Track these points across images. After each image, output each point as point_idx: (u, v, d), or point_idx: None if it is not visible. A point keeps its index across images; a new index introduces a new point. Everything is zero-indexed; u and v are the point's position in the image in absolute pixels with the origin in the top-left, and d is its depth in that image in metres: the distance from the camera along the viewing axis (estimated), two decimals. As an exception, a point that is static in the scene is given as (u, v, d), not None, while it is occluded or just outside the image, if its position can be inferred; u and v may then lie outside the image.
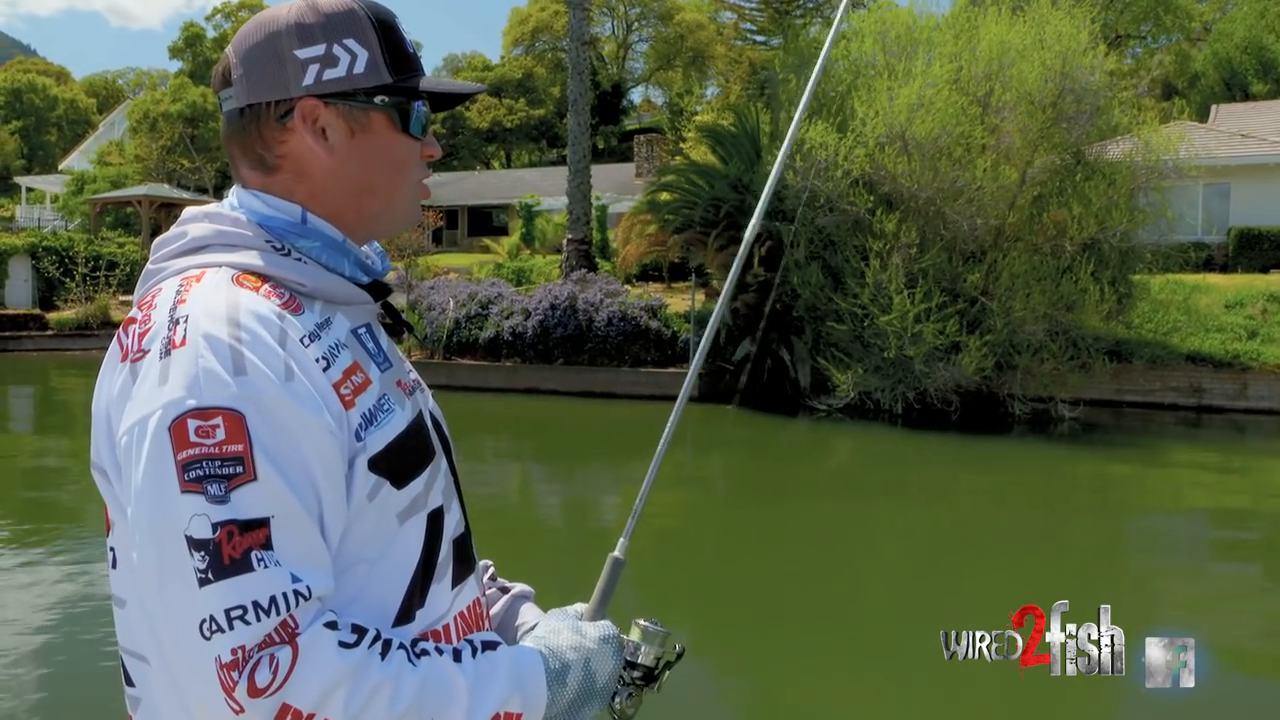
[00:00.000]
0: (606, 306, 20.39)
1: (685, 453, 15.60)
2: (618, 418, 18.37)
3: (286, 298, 1.19)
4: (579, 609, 1.39)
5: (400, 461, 1.22)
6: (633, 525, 1.47)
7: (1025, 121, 16.81)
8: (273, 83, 1.25)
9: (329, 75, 1.25)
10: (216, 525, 1.04)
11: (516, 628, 1.49)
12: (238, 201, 1.28)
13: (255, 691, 1.02)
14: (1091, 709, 5.67)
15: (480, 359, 21.17)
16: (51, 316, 31.64)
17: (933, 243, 17.02)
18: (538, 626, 1.34)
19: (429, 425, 1.33)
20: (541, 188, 37.38)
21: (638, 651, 1.36)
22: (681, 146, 27.68)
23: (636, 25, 61.96)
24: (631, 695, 1.35)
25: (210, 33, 60.10)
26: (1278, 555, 10.16)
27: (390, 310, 1.40)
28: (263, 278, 1.20)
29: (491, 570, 1.58)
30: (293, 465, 1.09)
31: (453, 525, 1.33)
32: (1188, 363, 18.57)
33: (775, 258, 18.56)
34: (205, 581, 1.03)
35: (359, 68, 1.26)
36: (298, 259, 1.24)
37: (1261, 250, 23.88)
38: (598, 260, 25.92)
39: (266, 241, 1.23)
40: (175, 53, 60.71)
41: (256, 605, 1.03)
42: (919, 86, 16.55)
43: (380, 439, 1.19)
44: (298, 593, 1.06)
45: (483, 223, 43.94)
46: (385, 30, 1.29)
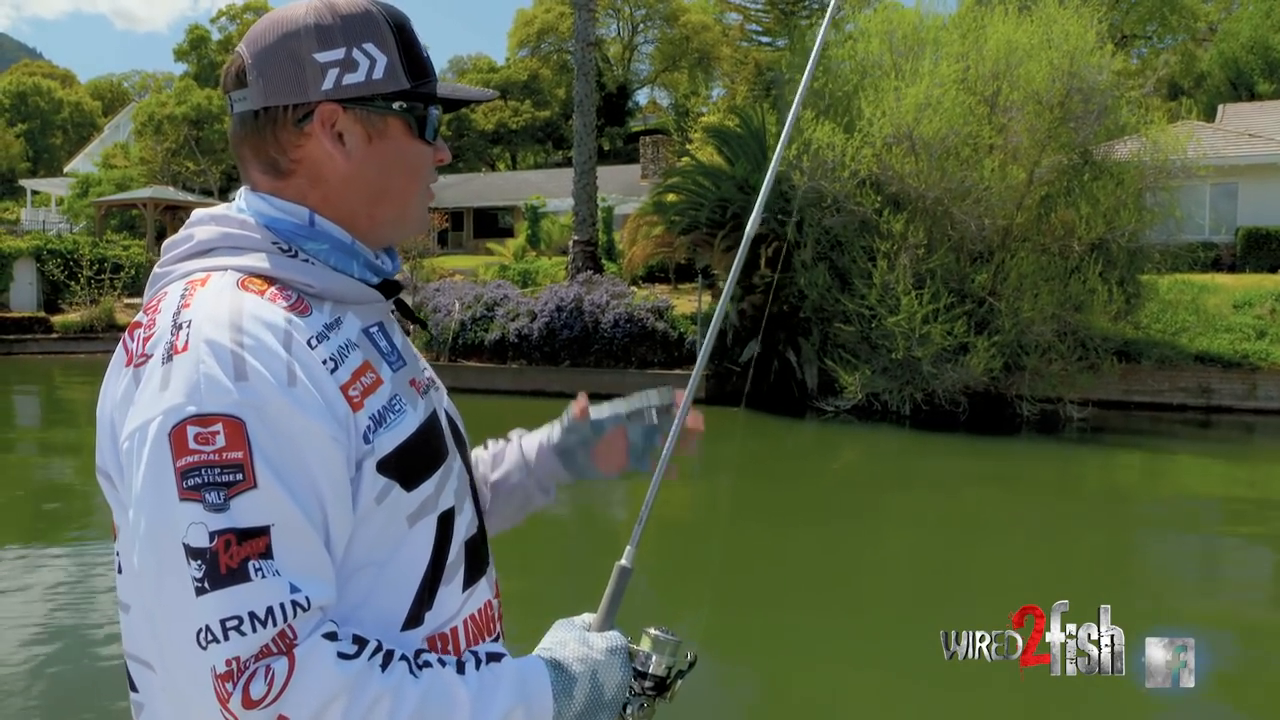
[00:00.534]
0: (612, 308, 20.34)
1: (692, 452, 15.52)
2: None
3: (294, 299, 1.18)
4: (586, 619, 1.35)
5: (411, 463, 1.20)
6: (639, 533, 1.46)
7: (1033, 121, 16.74)
8: (291, 86, 1.23)
9: (349, 80, 1.23)
10: (214, 534, 1.03)
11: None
12: (245, 204, 1.27)
13: (250, 703, 1.02)
14: (1091, 709, 5.63)
15: (486, 361, 21.12)
16: (56, 319, 31.65)
17: (940, 243, 16.95)
18: (545, 638, 1.31)
19: (443, 424, 1.32)
20: (547, 189, 37.33)
21: (649, 661, 1.32)
22: (687, 148, 27.61)
23: (642, 27, 61.93)
24: (644, 706, 1.32)
25: (215, 35, 60.12)
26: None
27: (402, 307, 1.39)
28: (269, 280, 1.19)
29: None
30: (295, 472, 1.08)
31: (465, 527, 1.31)
32: (1196, 363, 18.49)
33: (784, 260, 18.48)
34: (202, 591, 1.03)
35: (378, 73, 1.25)
36: (305, 260, 1.23)
37: (1269, 250, 23.76)
38: (604, 262, 25.88)
39: (273, 243, 1.22)
40: (180, 55, 60.73)
41: (253, 616, 1.03)
42: (926, 86, 16.48)
43: (390, 440, 1.18)
44: (296, 603, 1.05)
45: (488, 224, 43.91)
46: (402, 34, 1.28)
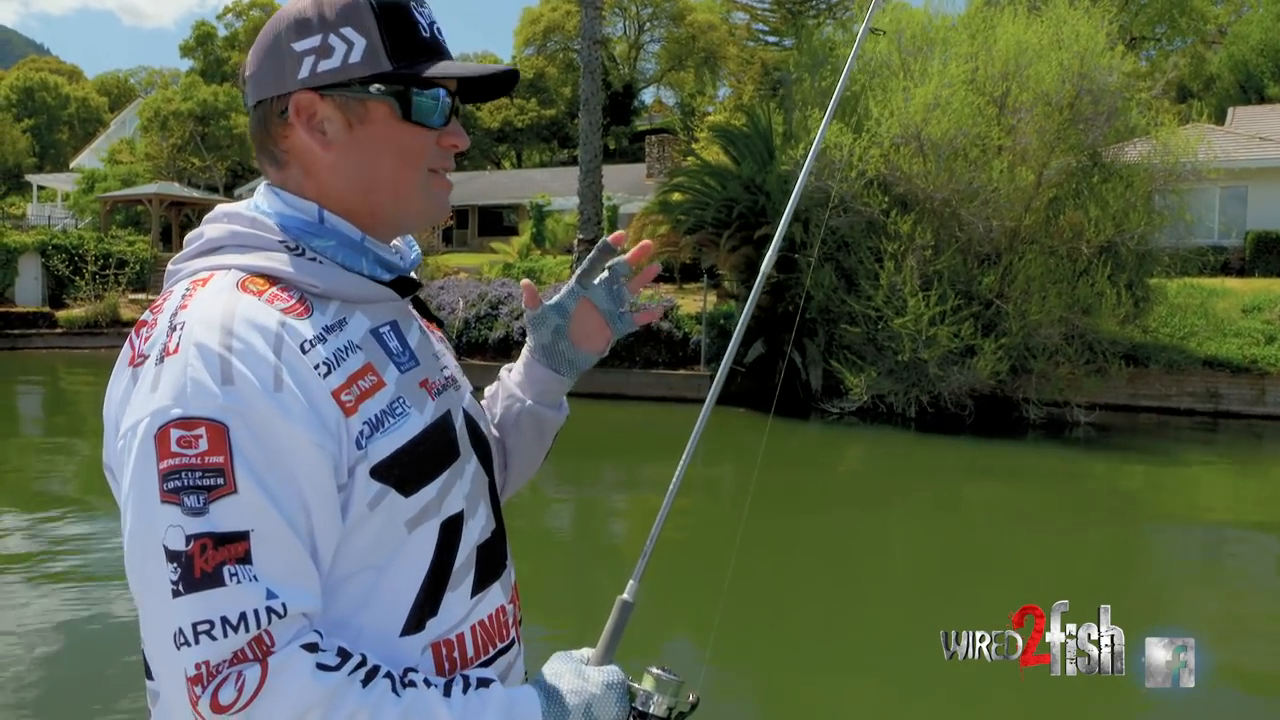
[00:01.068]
0: (617, 307, 20.22)
1: (696, 456, 15.46)
2: (628, 419, 18.25)
3: (294, 300, 1.17)
4: (586, 653, 1.31)
5: (409, 468, 1.19)
6: (643, 566, 1.42)
7: (1042, 122, 16.64)
8: (274, 79, 1.24)
9: (323, 66, 1.23)
10: (190, 538, 1.04)
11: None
12: (261, 199, 1.28)
13: (219, 708, 1.02)
14: (1091, 709, 5.63)
15: (490, 359, 21.04)
16: (61, 315, 31.61)
17: (948, 244, 16.85)
18: (543, 669, 1.27)
19: (457, 426, 1.30)
20: (552, 188, 37.26)
21: (649, 701, 1.27)
22: (693, 147, 27.51)
23: (648, 26, 61.80)
24: None
25: (221, 31, 60.12)
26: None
27: (420, 305, 1.37)
28: (272, 279, 1.19)
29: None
30: (277, 478, 1.08)
31: (477, 530, 1.30)
32: (1205, 367, 18.35)
33: (787, 259, 18.40)
34: (177, 593, 1.04)
35: (355, 57, 1.23)
36: (312, 258, 1.22)
37: (1279, 254, 23.64)
38: (609, 261, 25.75)
39: (280, 242, 1.22)
40: (186, 51, 60.73)
41: (225, 621, 1.03)
42: (935, 86, 16.38)
43: (387, 445, 1.17)
44: (271, 610, 1.05)
45: (493, 223, 43.84)
46: (390, 15, 1.24)
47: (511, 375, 1.64)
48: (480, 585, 1.29)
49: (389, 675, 1.11)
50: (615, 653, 1.32)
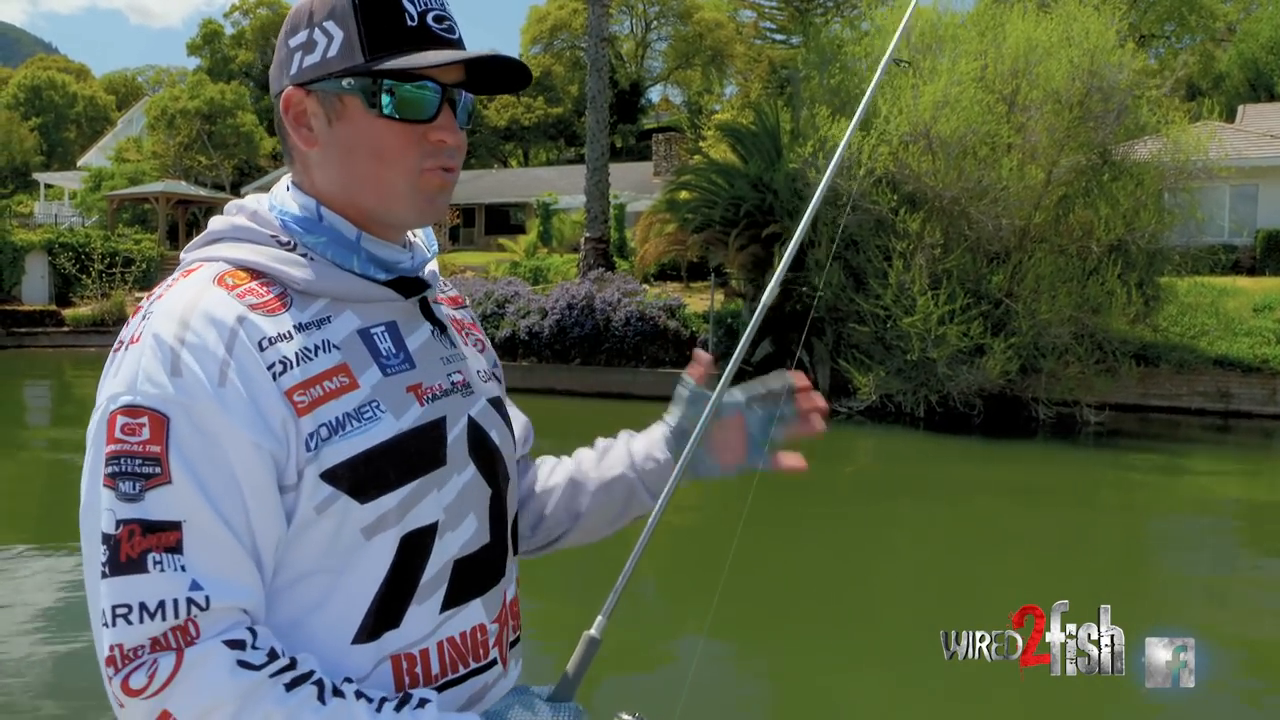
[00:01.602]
0: (624, 306, 20.19)
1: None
2: (635, 419, 17.80)
3: (271, 296, 1.18)
4: (546, 690, 1.25)
5: (368, 474, 1.16)
6: (614, 602, 1.33)
7: (1052, 120, 16.52)
8: (277, 76, 1.26)
9: (307, 62, 1.23)
10: (120, 522, 1.06)
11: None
12: (276, 192, 1.29)
13: (130, 692, 1.04)
14: (1091, 709, 5.61)
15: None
16: (67, 313, 31.68)
17: (957, 243, 16.74)
18: (497, 702, 1.23)
19: (452, 434, 1.26)
20: (559, 186, 37.21)
21: None
22: (701, 145, 27.46)
23: (655, 24, 61.75)
24: None
25: (228, 30, 60.16)
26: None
27: (425, 308, 1.33)
28: (255, 274, 1.19)
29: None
30: (213, 473, 1.08)
31: (458, 544, 1.25)
32: (1215, 367, 18.20)
33: (796, 259, 18.30)
34: (104, 575, 1.06)
35: (332, 50, 1.21)
36: (303, 254, 1.22)
37: (1290, 253, 23.52)
38: (615, 259, 25.73)
39: (272, 236, 1.22)
40: (193, 50, 60.83)
41: (143, 607, 1.04)
42: (944, 84, 16.27)
43: (345, 449, 1.15)
44: (193, 601, 1.05)
45: (500, 221, 43.79)
46: (373, 7, 1.21)
47: (635, 442, 1.58)
48: (454, 601, 1.25)
49: (318, 683, 1.09)
50: (577, 691, 1.26)
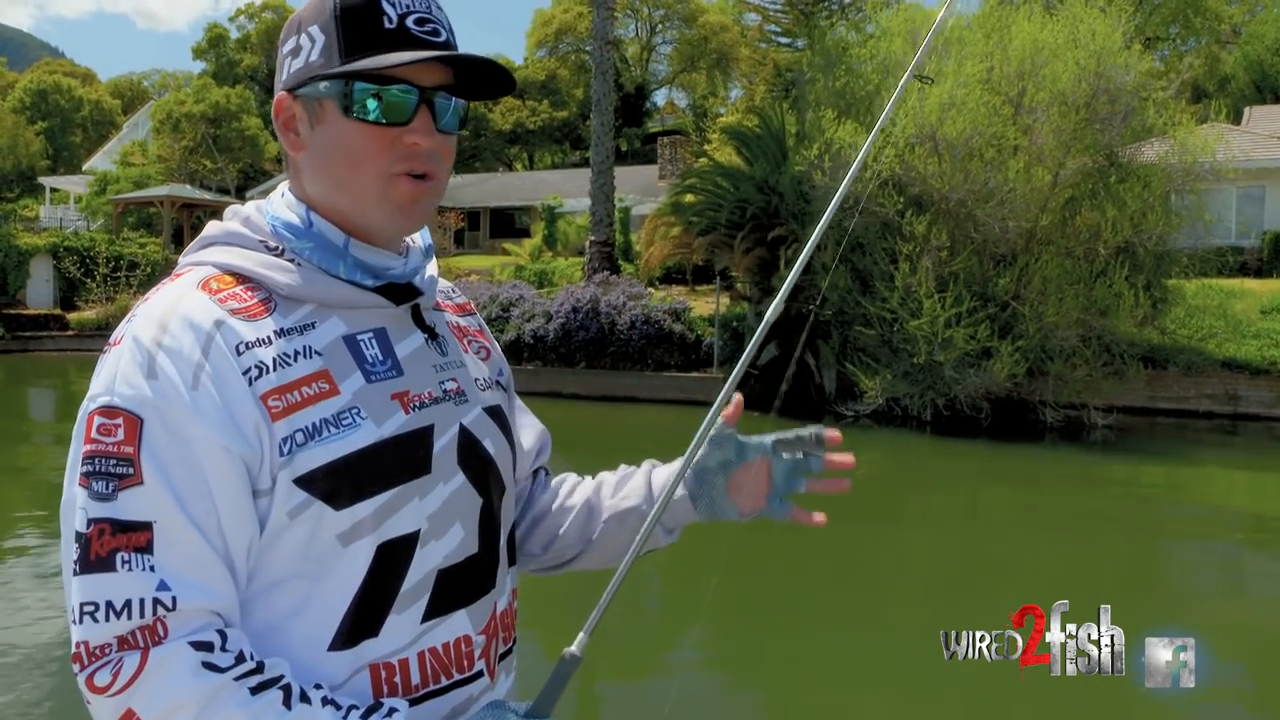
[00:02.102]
0: (629, 309, 20.15)
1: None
2: (640, 422, 18.15)
3: (254, 300, 1.19)
4: (523, 706, 1.21)
5: (342, 481, 1.15)
6: (596, 619, 1.26)
7: (1058, 122, 16.47)
8: (276, 83, 1.28)
9: (294, 67, 1.24)
10: (91, 521, 1.08)
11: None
12: (271, 198, 1.30)
13: (95, 689, 1.05)
14: (1091, 709, 5.58)
15: (501, 362, 20.95)
16: (72, 316, 31.73)
17: (963, 246, 16.69)
18: (470, 714, 1.23)
19: (439, 442, 1.25)
20: (564, 189, 37.18)
21: None
22: (706, 148, 27.40)
23: (660, 27, 61.73)
24: None
25: (234, 34, 60.21)
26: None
27: (417, 315, 1.32)
28: (241, 278, 1.21)
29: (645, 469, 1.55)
30: (184, 475, 1.09)
31: (441, 554, 1.23)
32: (1223, 369, 18.11)
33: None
34: (74, 573, 1.08)
35: (314, 55, 1.22)
36: (291, 259, 1.22)
37: (1298, 255, 23.42)
38: (620, 262, 25.70)
39: (261, 241, 1.23)
40: (199, 53, 60.87)
41: (109, 605, 1.05)
42: (950, 86, 16.22)
43: (320, 455, 1.14)
44: (159, 601, 1.06)
45: (505, 224, 43.79)
46: (353, 11, 1.21)
47: (653, 475, 1.53)
48: (436, 611, 1.23)
49: (285, 687, 1.09)
50: (553, 709, 1.21)
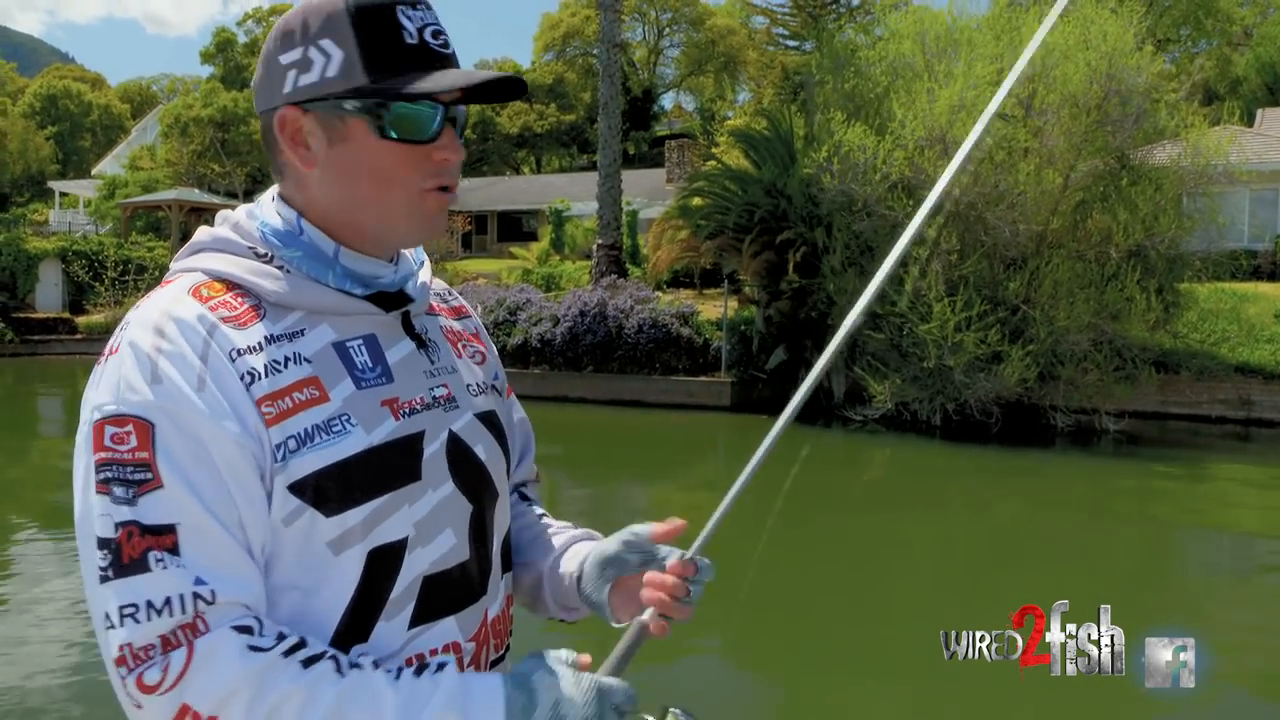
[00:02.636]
0: (637, 313, 20.05)
1: (719, 463, 15.27)
2: (648, 426, 18.07)
3: (244, 307, 1.19)
4: (565, 654, 1.22)
5: (333, 488, 1.16)
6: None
7: (1069, 124, 16.34)
8: (267, 91, 1.24)
9: (303, 81, 1.21)
10: (118, 525, 1.06)
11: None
12: (259, 203, 1.29)
13: (145, 689, 1.03)
14: (1091, 709, 5.62)
15: (508, 366, 20.70)
16: (80, 320, 31.78)
17: (973, 249, 16.57)
18: (519, 663, 1.22)
19: (429, 449, 1.25)
20: (571, 193, 37.15)
21: None
22: (714, 151, 27.29)
23: (668, 30, 61.70)
24: None
25: (241, 38, 60.35)
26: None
27: (406, 323, 1.32)
28: (229, 285, 1.21)
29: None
30: (202, 474, 1.09)
31: (428, 560, 1.24)
32: (1236, 374, 17.95)
33: (810, 264, 18.16)
34: (106, 579, 1.06)
35: (331, 70, 1.20)
36: (279, 266, 1.22)
37: (1311, 258, 23.23)
38: (628, 266, 25.61)
39: (250, 248, 1.23)
40: (207, 58, 61.05)
41: (150, 605, 1.05)
42: (960, 88, 16.11)
43: (312, 461, 1.15)
44: (199, 595, 1.06)
45: (512, 228, 43.80)
46: (370, 22, 1.19)
47: (577, 545, 1.49)
48: (423, 618, 1.23)
49: (333, 658, 1.10)
50: (623, 673, 1.27)
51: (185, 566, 1.06)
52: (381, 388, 1.23)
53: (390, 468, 1.20)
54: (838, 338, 1.37)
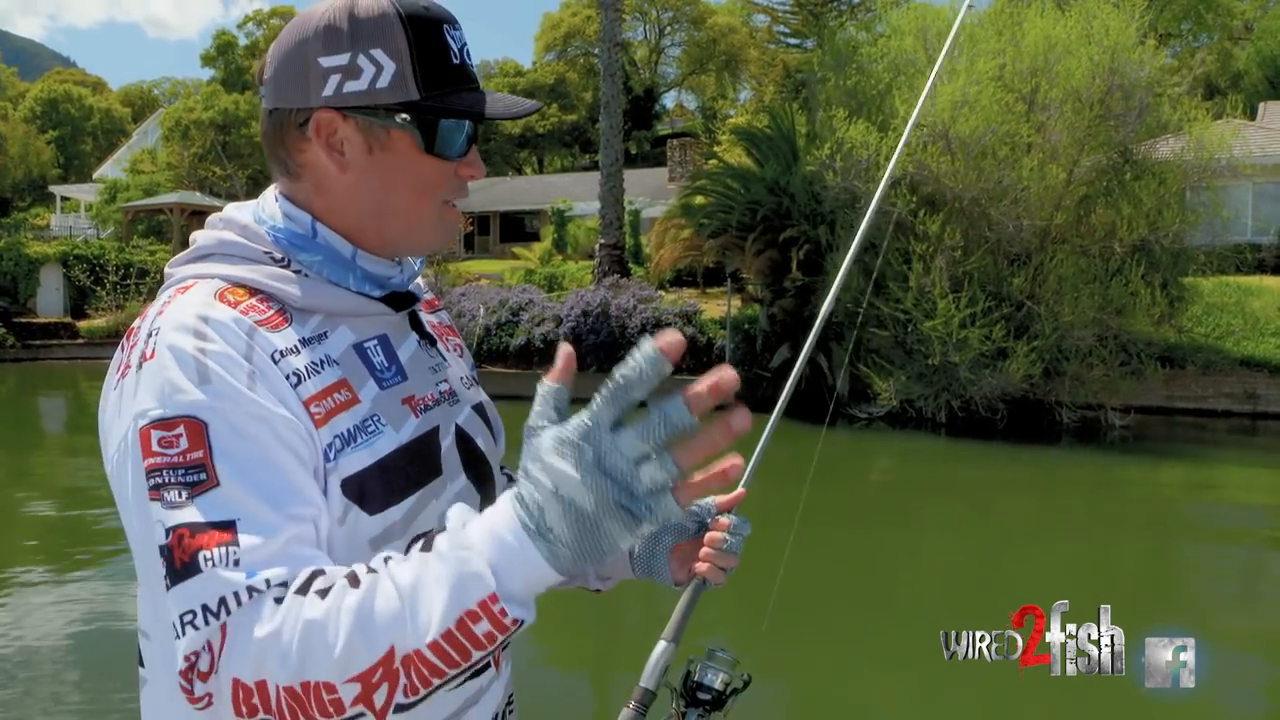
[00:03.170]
0: (640, 313, 20.03)
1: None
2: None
3: (272, 312, 1.17)
4: (547, 389, 1.04)
5: (376, 486, 1.17)
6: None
7: (1072, 119, 16.30)
8: (296, 89, 1.21)
9: (350, 88, 1.19)
10: (169, 530, 1.04)
11: None
12: (263, 205, 1.28)
13: (203, 677, 1.00)
14: (1091, 709, 5.64)
15: (511, 367, 20.86)
16: (82, 325, 31.75)
17: (977, 245, 16.52)
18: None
19: (444, 444, 1.27)
20: (574, 193, 37.11)
21: (705, 673, 1.42)
22: (716, 150, 27.25)
23: (669, 30, 61.64)
24: (700, 716, 1.37)
25: (242, 40, 60.30)
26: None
27: (415, 321, 1.35)
28: (252, 291, 1.19)
29: None
30: (258, 469, 1.06)
31: None
32: (1242, 368, 17.90)
33: (813, 262, 18.11)
34: (166, 588, 1.03)
35: (382, 81, 1.19)
36: (297, 270, 1.22)
37: (1316, 251, 23.12)
38: (630, 265, 25.57)
39: (265, 252, 1.22)
40: (207, 61, 60.95)
41: (205, 609, 1.01)
42: (962, 84, 16.06)
43: (356, 461, 1.15)
44: (252, 588, 1.02)
45: (515, 229, 43.76)
46: (423, 39, 1.20)
47: None
48: None
49: (352, 573, 1.01)
50: (684, 630, 1.40)
51: (241, 562, 1.03)
52: (400, 386, 1.25)
53: (419, 464, 1.22)
54: (813, 333, 1.56)
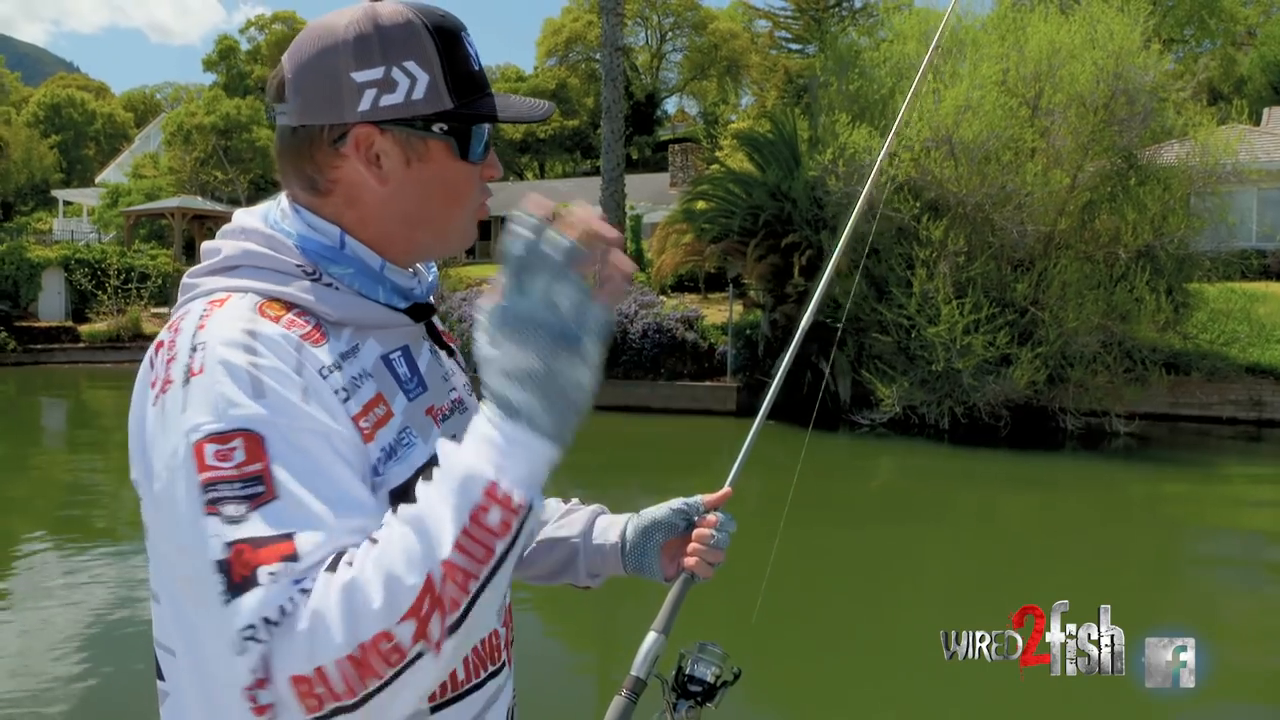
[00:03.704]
0: (641, 318, 19.94)
1: (726, 468, 15.15)
2: (654, 432, 17.95)
3: (310, 326, 1.16)
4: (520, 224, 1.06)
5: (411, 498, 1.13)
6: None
7: (1076, 124, 16.23)
8: (328, 105, 1.19)
9: (386, 101, 1.19)
10: (228, 544, 1.01)
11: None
12: (282, 216, 1.25)
13: (263, 684, 0.97)
14: (1091, 709, 5.62)
15: (512, 372, 20.76)
16: (83, 329, 31.68)
17: (981, 250, 16.44)
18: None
19: None
20: (575, 198, 36.96)
21: (696, 665, 1.45)
22: (717, 155, 27.19)
23: (670, 35, 61.67)
24: (691, 708, 1.39)
25: (244, 45, 60.34)
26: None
27: (432, 331, 1.35)
28: (288, 305, 1.17)
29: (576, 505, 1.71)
30: (316, 479, 1.05)
31: None
32: (1247, 375, 17.83)
33: (816, 267, 18.03)
34: (224, 603, 1.00)
35: (418, 93, 1.19)
36: (328, 284, 1.21)
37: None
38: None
39: (297, 265, 1.20)
40: (209, 65, 61.05)
41: (267, 621, 0.98)
42: (966, 88, 15.99)
43: (399, 474, 1.17)
44: (304, 590, 1.00)
45: (516, 233, 43.72)
46: (449, 48, 1.22)
47: (601, 517, 1.68)
48: None
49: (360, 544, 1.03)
50: (672, 624, 1.42)
51: (300, 576, 1.01)
52: (423, 397, 1.26)
53: None
54: (795, 339, 1.61)
